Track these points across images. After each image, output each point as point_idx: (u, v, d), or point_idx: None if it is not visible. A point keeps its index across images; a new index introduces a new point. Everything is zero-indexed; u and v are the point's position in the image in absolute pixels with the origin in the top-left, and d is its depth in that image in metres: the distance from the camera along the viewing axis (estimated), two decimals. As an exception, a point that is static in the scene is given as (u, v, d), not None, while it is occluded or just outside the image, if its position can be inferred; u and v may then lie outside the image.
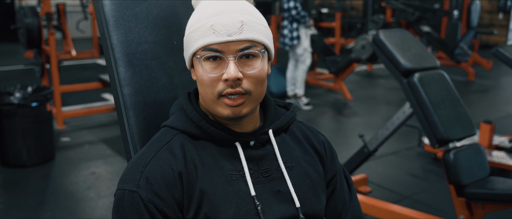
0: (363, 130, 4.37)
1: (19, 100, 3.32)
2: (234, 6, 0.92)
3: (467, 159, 2.09)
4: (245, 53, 0.89)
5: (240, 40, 0.88)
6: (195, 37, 0.91)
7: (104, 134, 4.22)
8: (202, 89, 0.93)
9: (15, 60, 8.18)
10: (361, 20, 11.33)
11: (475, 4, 7.29)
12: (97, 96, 5.57)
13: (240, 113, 0.91)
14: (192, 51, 0.93)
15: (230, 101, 0.90)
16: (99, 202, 2.90)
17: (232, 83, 0.89)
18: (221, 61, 0.90)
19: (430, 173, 3.43)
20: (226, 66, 0.89)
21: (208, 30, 0.89)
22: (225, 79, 0.88)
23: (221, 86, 0.90)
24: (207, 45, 0.89)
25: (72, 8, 10.22)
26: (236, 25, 0.88)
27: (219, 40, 0.88)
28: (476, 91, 6.53)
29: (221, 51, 0.88)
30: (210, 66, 0.90)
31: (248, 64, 0.90)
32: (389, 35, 2.33)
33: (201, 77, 0.92)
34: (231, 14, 0.90)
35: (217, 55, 0.89)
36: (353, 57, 5.71)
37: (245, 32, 0.89)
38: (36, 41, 4.41)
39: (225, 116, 0.92)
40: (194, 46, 0.92)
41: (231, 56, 0.88)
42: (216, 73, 0.90)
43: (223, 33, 0.88)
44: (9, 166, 3.39)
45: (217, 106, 0.92)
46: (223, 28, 0.88)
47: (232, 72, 0.87)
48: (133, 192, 0.88)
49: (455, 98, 2.23)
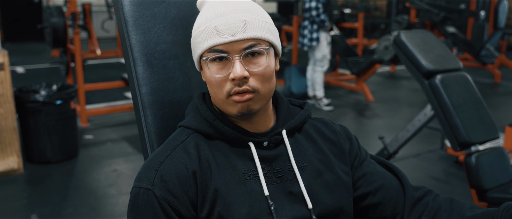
0: (384, 131, 4.33)
1: (44, 97, 3.40)
2: (236, 6, 0.93)
3: (489, 163, 2.05)
4: (250, 52, 0.90)
5: (244, 39, 0.90)
6: (200, 40, 0.93)
7: (126, 132, 4.29)
8: (211, 90, 0.95)
9: (41, 58, 8.38)
10: (385, 21, 11.20)
11: (503, 4, 7.12)
12: (120, 95, 5.65)
13: (249, 108, 0.92)
14: (198, 54, 0.94)
15: (238, 96, 0.91)
16: (120, 199, 2.94)
17: (239, 82, 0.90)
18: (227, 61, 0.91)
19: (453, 177, 3.37)
20: (232, 66, 0.90)
21: (212, 31, 0.91)
22: (231, 79, 0.90)
23: (229, 85, 0.91)
24: (212, 46, 0.91)
25: (97, 8, 10.41)
26: (239, 24, 0.90)
27: (223, 40, 0.89)
28: (502, 93, 6.38)
29: (226, 51, 0.90)
30: (216, 67, 0.92)
31: (254, 62, 0.91)
32: (411, 36, 2.30)
33: (209, 79, 0.93)
34: (234, 14, 0.91)
35: (222, 55, 0.90)
36: (376, 58, 5.65)
37: (249, 30, 0.90)
38: (62, 40, 4.51)
39: (235, 114, 0.93)
40: (200, 49, 0.93)
41: (236, 55, 0.90)
42: (223, 74, 0.91)
43: (226, 34, 0.89)
44: (34, 162, 3.48)
45: (227, 106, 0.93)
46: (226, 28, 0.90)
47: (238, 71, 0.89)
48: (148, 190, 0.89)
49: (478, 100, 2.19)
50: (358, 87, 5.93)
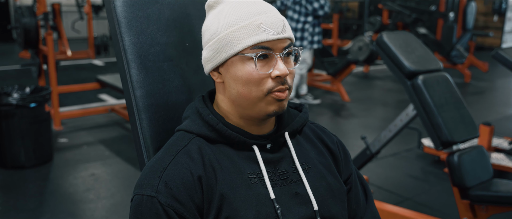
0: (361, 131, 4.38)
1: (18, 100, 3.29)
2: (270, 5, 0.95)
3: (471, 162, 2.10)
4: (288, 51, 0.92)
5: (285, 38, 0.92)
6: (242, 35, 0.90)
7: (102, 135, 4.20)
8: (245, 88, 0.91)
9: (10, 60, 8.12)
10: (357, 22, 11.36)
11: (471, 6, 7.32)
12: (94, 97, 5.54)
13: (284, 107, 0.94)
14: (237, 50, 0.90)
15: (279, 94, 0.91)
16: (99, 203, 2.88)
17: (282, 80, 0.91)
18: (268, 59, 0.91)
19: (430, 175, 3.44)
20: (274, 63, 0.90)
21: (258, 28, 0.90)
22: (276, 76, 0.90)
23: (271, 83, 0.91)
24: (259, 42, 0.90)
25: (67, 8, 10.17)
26: (280, 23, 0.92)
27: (270, 37, 0.90)
28: (473, 93, 6.56)
29: (271, 48, 0.90)
30: (259, 64, 0.91)
31: (288, 62, 0.94)
32: (393, 37, 2.33)
33: (249, 75, 0.90)
34: (274, 12, 0.93)
35: (268, 53, 0.90)
36: (351, 58, 5.72)
37: (287, 30, 0.92)
38: (34, 41, 4.37)
39: (270, 113, 0.93)
40: (242, 44, 0.90)
41: (279, 53, 0.91)
42: (265, 71, 0.91)
43: (272, 31, 0.90)
44: (7, 168, 3.36)
45: (262, 103, 0.92)
46: (272, 26, 0.90)
47: (283, 69, 0.90)
48: (152, 197, 0.87)
49: (458, 100, 2.23)
50: (334, 88, 5.99)
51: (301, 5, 5.06)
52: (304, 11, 5.06)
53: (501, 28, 10.71)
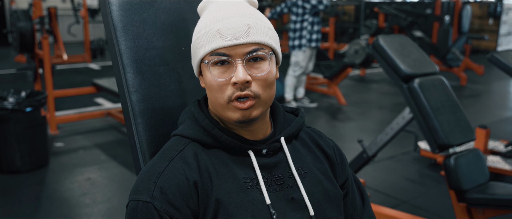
0: (357, 134, 4.38)
1: (13, 105, 3.28)
2: (240, 10, 0.92)
3: (467, 165, 2.10)
4: (253, 56, 0.89)
5: (248, 43, 0.89)
6: (202, 43, 0.91)
7: (98, 139, 4.18)
8: (211, 95, 0.93)
9: (5, 64, 8.10)
10: (353, 25, 11.39)
11: (466, 9, 7.36)
12: (90, 101, 5.52)
13: (250, 116, 0.91)
14: (199, 57, 0.92)
15: (240, 104, 0.89)
16: (95, 208, 2.86)
17: (241, 86, 0.88)
18: (229, 65, 0.89)
19: (427, 178, 3.44)
20: (234, 70, 0.88)
21: (215, 34, 0.89)
22: (233, 83, 0.88)
23: (231, 90, 0.89)
24: (215, 49, 0.89)
25: (63, 12, 10.15)
26: (243, 28, 0.89)
27: (226, 44, 0.88)
28: (468, 95, 6.58)
29: (229, 55, 0.88)
30: (218, 70, 0.90)
31: (256, 67, 0.90)
32: (389, 40, 2.33)
33: (210, 83, 0.91)
34: (237, 17, 0.90)
35: (225, 59, 0.88)
36: (347, 61, 5.73)
37: (252, 35, 0.89)
38: (29, 45, 4.36)
39: (235, 120, 0.91)
40: (202, 52, 0.91)
41: (239, 59, 0.88)
42: (225, 78, 0.89)
43: (230, 37, 0.88)
44: (3, 172, 3.34)
45: (227, 111, 0.91)
46: (229, 31, 0.88)
47: (240, 75, 0.87)
48: (147, 203, 0.86)
49: (454, 103, 2.24)
50: (330, 91, 5.99)
51: (297, 6, 5.08)
52: (301, 11, 5.08)
53: (497, 31, 10.76)
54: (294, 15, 5.13)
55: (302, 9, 5.06)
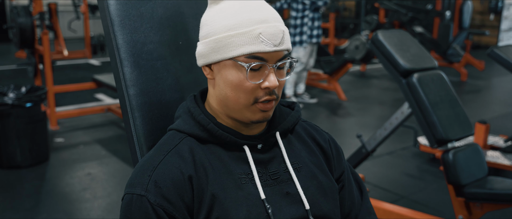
0: (357, 130, 4.38)
1: (13, 100, 3.28)
2: (272, 13, 0.92)
3: (465, 159, 2.10)
4: (283, 63, 0.92)
5: (281, 50, 0.91)
6: (240, 42, 0.89)
7: (99, 135, 4.19)
8: (234, 93, 0.91)
9: (5, 60, 8.10)
10: (354, 21, 11.37)
11: (467, 5, 7.34)
12: (90, 97, 5.53)
13: (268, 117, 0.94)
14: (232, 55, 0.89)
15: (265, 106, 0.91)
16: (95, 203, 2.87)
17: (270, 90, 0.91)
18: (260, 69, 0.90)
19: (426, 173, 3.45)
20: (266, 75, 0.90)
21: (257, 38, 0.88)
22: (265, 87, 0.90)
23: (260, 92, 0.91)
24: (255, 52, 0.89)
25: (63, 7, 10.14)
26: (280, 35, 0.90)
27: (267, 49, 0.89)
28: (469, 91, 6.58)
29: (266, 59, 0.89)
30: (252, 73, 0.90)
31: (280, 73, 0.93)
32: (388, 35, 2.33)
33: (239, 83, 0.90)
34: (275, 23, 0.91)
35: (262, 64, 0.89)
36: (347, 57, 5.73)
37: (285, 42, 0.91)
38: (30, 41, 4.36)
39: (254, 120, 0.93)
40: (237, 51, 0.89)
41: (273, 65, 0.90)
42: (256, 80, 0.90)
43: (270, 43, 0.89)
44: (3, 168, 3.35)
45: (247, 111, 0.92)
46: (271, 37, 0.89)
47: (273, 81, 0.90)
48: (141, 196, 0.87)
49: (453, 98, 2.24)
50: (330, 87, 5.99)
51: (297, 2, 5.07)
52: (301, 7, 5.07)
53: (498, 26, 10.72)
54: (294, 11, 5.13)
55: (302, 5, 5.06)
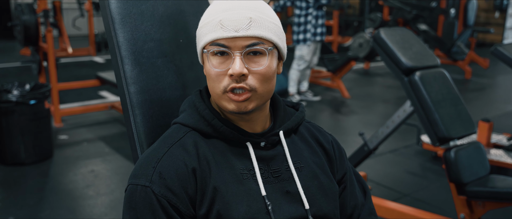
0: (361, 128, 4.38)
1: (17, 97, 3.30)
2: (245, 3, 0.92)
3: (467, 157, 2.10)
4: (252, 50, 0.90)
5: (247, 36, 0.89)
6: (204, 32, 0.93)
7: (102, 132, 4.21)
8: (209, 83, 0.94)
9: (11, 57, 8.14)
10: (358, 18, 11.34)
11: (472, 2, 7.31)
12: (94, 94, 5.55)
13: (245, 109, 0.92)
14: (201, 46, 0.94)
15: (234, 96, 0.90)
16: (99, 200, 2.89)
17: (237, 79, 0.89)
18: (228, 56, 0.91)
19: (429, 171, 3.44)
20: (232, 62, 0.89)
21: (217, 25, 0.90)
22: (230, 74, 0.89)
23: (227, 81, 0.90)
24: (215, 40, 0.90)
25: (68, 5, 10.17)
26: (244, 21, 0.89)
27: (226, 35, 0.89)
28: (473, 89, 6.55)
29: (228, 46, 0.89)
30: (217, 61, 0.91)
31: (255, 61, 0.91)
32: (390, 33, 2.33)
33: (208, 71, 0.93)
34: (240, 10, 0.90)
35: (224, 50, 0.90)
36: (351, 55, 5.72)
37: (253, 28, 0.89)
38: (34, 38, 4.39)
39: (230, 111, 0.92)
40: (203, 41, 0.93)
41: (238, 51, 0.89)
42: (222, 68, 0.91)
43: (230, 29, 0.89)
44: (7, 164, 3.38)
45: (222, 101, 0.92)
46: (231, 23, 0.89)
47: (237, 68, 0.88)
48: (146, 187, 0.88)
49: (455, 96, 2.24)
50: (334, 84, 5.99)
51: (301, 0, 5.06)
52: (305, 5, 5.06)
53: (503, 24, 10.69)
54: (298, 9, 5.12)
55: (306, 3, 5.05)
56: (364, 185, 1.14)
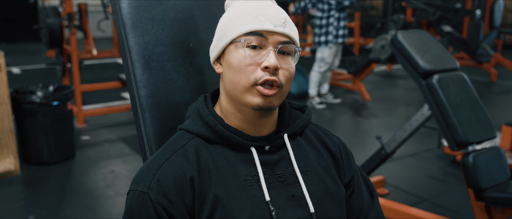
0: (381, 131, 4.33)
1: (41, 99, 3.38)
2: (275, 5, 0.97)
3: (486, 163, 2.06)
4: (285, 47, 0.93)
5: (283, 34, 0.92)
6: (238, 24, 0.93)
7: (123, 133, 4.28)
8: (235, 76, 0.93)
9: (38, 59, 8.35)
10: (381, 20, 11.22)
11: (499, 3, 7.14)
12: (117, 95, 5.64)
13: (270, 104, 0.92)
14: (232, 37, 0.93)
15: (265, 90, 0.91)
16: (117, 200, 2.94)
17: (272, 71, 0.91)
18: (260, 50, 0.92)
19: (450, 176, 3.38)
20: (266, 55, 0.91)
21: (255, 18, 0.92)
22: (265, 66, 0.90)
23: (260, 73, 0.91)
24: (253, 30, 0.91)
25: (93, 8, 10.37)
26: (281, 19, 0.93)
27: (266, 27, 0.91)
28: (499, 92, 6.40)
29: (266, 37, 0.91)
30: (250, 52, 0.92)
31: (284, 59, 0.94)
32: (408, 36, 2.30)
33: (239, 62, 0.92)
34: (276, 9, 0.95)
35: (261, 41, 0.91)
36: (372, 57, 5.66)
37: (288, 28, 0.93)
38: (58, 41, 4.49)
39: (254, 106, 0.92)
40: (236, 32, 0.93)
41: (272, 46, 0.92)
42: (256, 59, 0.91)
43: (269, 22, 0.91)
44: (31, 164, 3.47)
45: (248, 94, 0.92)
46: (270, 18, 0.92)
47: (272, 61, 0.90)
48: (143, 193, 0.89)
49: (475, 100, 2.19)
50: (355, 87, 5.94)
51: (323, 2, 5.04)
52: (327, 7, 5.04)
53: (531, 25, 10.41)
54: (320, 11, 5.10)
55: (328, 5, 5.03)
56: (371, 188, 1.13)
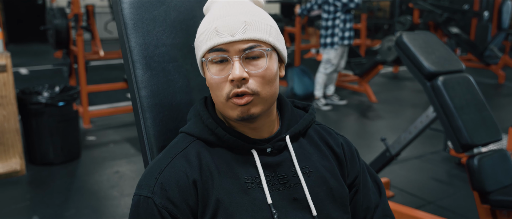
0: (387, 133, 4.31)
1: (47, 99, 3.40)
2: (238, 8, 0.92)
3: (492, 165, 2.04)
4: (251, 52, 0.89)
5: (244, 40, 0.89)
6: (201, 42, 0.93)
7: (128, 134, 4.29)
8: (212, 93, 0.94)
9: (45, 60, 8.40)
10: (388, 21, 11.18)
11: (507, 5, 7.09)
12: (122, 96, 5.66)
13: (249, 112, 0.90)
14: (200, 56, 0.94)
15: (237, 100, 0.89)
16: (122, 200, 2.94)
17: (238, 83, 0.88)
18: (227, 63, 0.90)
19: (455, 178, 3.35)
20: (231, 67, 0.89)
21: (212, 32, 0.90)
22: (230, 80, 0.88)
23: (228, 87, 0.89)
24: (212, 47, 0.90)
25: (101, 9, 10.43)
26: (239, 25, 0.89)
27: (222, 41, 0.88)
28: (506, 94, 6.35)
29: (226, 50, 0.89)
30: (216, 68, 0.91)
31: (254, 64, 0.90)
32: (413, 37, 2.29)
33: (210, 81, 0.93)
34: (234, 15, 0.90)
35: (222, 56, 0.89)
36: (378, 59, 5.64)
37: (249, 31, 0.89)
38: (65, 42, 4.52)
39: (235, 118, 0.91)
40: (201, 50, 0.93)
41: (236, 56, 0.89)
42: (223, 75, 0.90)
43: (226, 34, 0.88)
44: (36, 164, 3.48)
45: (227, 109, 0.91)
46: (226, 29, 0.89)
47: (237, 72, 0.87)
48: (147, 198, 0.89)
49: (480, 102, 2.17)
50: (361, 88, 5.92)
51: (329, 4, 5.03)
52: (333, 9, 5.03)
53: (540, 27, 10.31)
54: (326, 12, 5.09)
55: (334, 7, 5.02)
56: (379, 185, 1.10)
